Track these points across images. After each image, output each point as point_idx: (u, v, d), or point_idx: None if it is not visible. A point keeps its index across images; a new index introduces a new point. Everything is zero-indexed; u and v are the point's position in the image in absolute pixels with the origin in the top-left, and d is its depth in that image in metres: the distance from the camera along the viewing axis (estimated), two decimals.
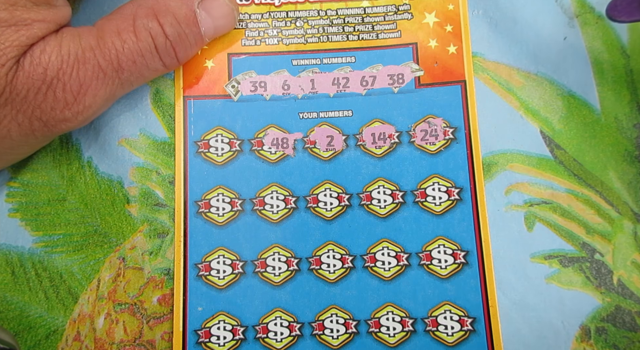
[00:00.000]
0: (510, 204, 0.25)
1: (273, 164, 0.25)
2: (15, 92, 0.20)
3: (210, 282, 0.24)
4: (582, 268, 0.24)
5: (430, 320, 0.23)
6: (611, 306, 0.23)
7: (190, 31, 0.23)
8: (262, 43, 0.26)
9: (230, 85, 0.25)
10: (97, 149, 0.25)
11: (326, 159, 0.25)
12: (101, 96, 0.22)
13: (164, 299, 0.24)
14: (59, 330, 0.24)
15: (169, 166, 0.25)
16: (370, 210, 0.24)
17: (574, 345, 0.23)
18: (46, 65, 0.21)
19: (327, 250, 0.24)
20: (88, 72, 0.21)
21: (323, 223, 0.24)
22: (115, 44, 0.22)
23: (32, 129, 0.21)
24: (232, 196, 0.24)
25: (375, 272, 0.24)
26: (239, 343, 0.23)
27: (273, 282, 0.24)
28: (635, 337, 0.23)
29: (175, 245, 0.24)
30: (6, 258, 0.25)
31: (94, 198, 0.25)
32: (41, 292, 0.24)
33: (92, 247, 0.25)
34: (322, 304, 0.23)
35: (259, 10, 0.26)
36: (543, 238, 0.24)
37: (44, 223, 0.25)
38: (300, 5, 0.26)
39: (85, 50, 0.21)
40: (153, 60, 0.23)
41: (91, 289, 0.24)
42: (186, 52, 0.24)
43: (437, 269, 0.24)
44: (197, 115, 0.25)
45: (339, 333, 0.23)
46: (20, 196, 0.25)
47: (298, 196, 0.24)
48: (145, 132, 0.25)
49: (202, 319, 0.23)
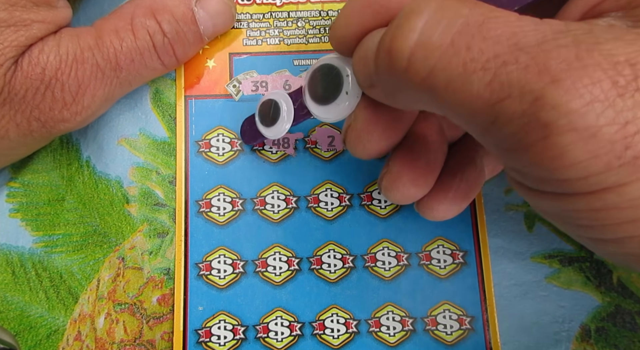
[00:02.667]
0: (509, 204, 0.25)
1: (274, 164, 0.25)
2: (14, 92, 0.20)
3: (211, 281, 0.24)
4: (582, 268, 0.24)
5: (430, 320, 0.23)
6: (611, 306, 0.24)
7: (189, 29, 0.23)
8: (263, 43, 0.26)
9: (232, 84, 0.25)
10: (95, 149, 0.25)
11: (327, 159, 0.25)
12: (100, 96, 0.22)
13: (164, 298, 0.24)
14: (59, 330, 0.24)
15: (168, 166, 0.25)
16: (371, 210, 0.24)
17: (574, 345, 0.23)
18: (44, 66, 0.20)
19: (327, 250, 0.24)
20: (87, 71, 0.21)
21: (324, 223, 0.24)
22: (114, 43, 0.22)
23: (31, 129, 0.21)
24: (233, 196, 0.24)
25: (375, 272, 0.24)
26: (239, 343, 0.23)
27: (274, 281, 0.24)
28: (636, 337, 0.23)
29: (175, 244, 0.24)
30: (7, 258, 0.24)
31: (92, 198, 0.25)
32: (42, 292, 0.24)
33: (91, 247, 0.25)
34: (323, 303, 0.24)
35: (261, 10, 0.26)
36: (543, 238, 0.24)
37: (44, 223, 0.25)
38: (302, 6, 0.26)
39: (83, 50, 0.21)
40: (151, 59, 0.23)
41: (91, 289, 0.24)
42: (185, 50, 0.24)
43: (437, 269, 0.24)
44: (198, 114, 0.25)
45: (339, 333, 0.23)
46: (20, 196, 0.25)
47: (299, 196, 0.24)
48: (145, 131, 0.25)
49: (202, 319, 0.23)
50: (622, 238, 0.12)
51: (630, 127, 0.11)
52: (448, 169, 0.20)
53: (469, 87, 0.12)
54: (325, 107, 0.19)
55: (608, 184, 0.12)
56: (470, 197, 0.20)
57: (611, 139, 0.11)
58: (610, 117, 0.11)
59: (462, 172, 0.20)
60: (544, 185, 0.13)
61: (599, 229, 0.13)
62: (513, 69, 0.12)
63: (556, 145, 0.11)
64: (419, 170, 0.19)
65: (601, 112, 0.11)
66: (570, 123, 0.11)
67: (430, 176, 0.19)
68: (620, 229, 0.12)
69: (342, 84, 0.18)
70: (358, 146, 0.19)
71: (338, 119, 0.19)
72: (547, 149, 0.12)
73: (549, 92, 0.11)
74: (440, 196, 0.20)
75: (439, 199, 0.20)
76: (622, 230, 0.12)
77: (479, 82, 0.12)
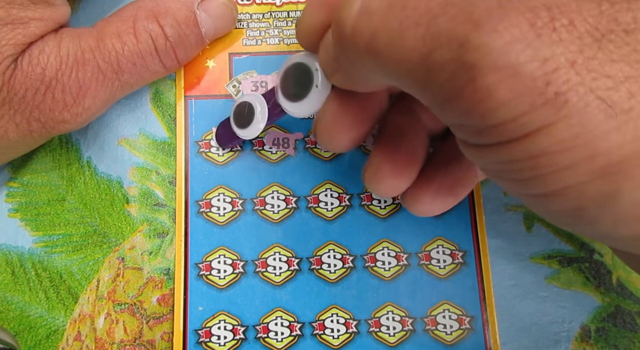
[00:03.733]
0: (508, 205, 0.25)
1: (274, 164, 0.25)
2: (13, 92, 0.20)
3: (211, 281, 0.24)
4: (581, 268, 0.24)
5: (430, 320, 0.23)
6: (611, 306, 0.24)
7: (191, 32, 0.23)
8: (263, 43, 0.26)
9: (231, 85, 0.25)
10: (96, 149, 0.25)
11: (327, 159, 0.25)
12: (100, 98, 0.22)
13: (164, 299, 0.24)
14: (59, 330, 0.24)
15: (168, 166, 0.25)
16: (371, 210, 0.24)
17: (574, 345, 0.23)
18: (45, 66, 0.20)
19: (327, 250, 0.24)
20: (87, 73, 0.21)
21: (324, 223, 0.24)
22: (115, 46, 0.22)
23: (30, 129, 0.21)
24: (233, 196, 0.24)
25: (375, 272, 0.24)
26: (239, 343, 0.23)
27: (274, 281, 0.24)
28: (636, 338, 0.23)
29: (175, 245, 0.24)
30: (6, 258, 0.24)
31: (93, 198, 0.25)
32: (41, 292, 0.24)
33: (91, 247, 0.24)
34: (323, 303, 0.24)
35: (260, 10, 0.26)
36: (542, 238, 0.24)
37: (44, 223, 0.25)
38: (302, 5, 0.26)
39: (84, 51, 0.21)
40: (153, 62, 0.23)
41: (91, 289, 0.24)
42: (186, 53, 0.24)
43: (436, 269, 0.24)
44: (198, 115, 0.25)
45: (339, 333, 0.23)
46: (20, 196, 0.25)
47: (299, 196, 0.24)
48: (145, 132, 0.25)
49: (202, 319, 0.23)
50: (562, 189, 0.13)
51: (550, 63, 0.12)
52: (432, 163, 0.21)
53: (404, 44, 0.13)
54: (298, 103, 0.20)
55: (537, 125, 0.12)
56: (457, 194, 0.21)
57: (532, 76, 0.12)
58: (530, 55, 0.12)
59: (446, 166, 0.20)
60: (481, 137, 0.13)
61: (539, 181, 0.13)
62: (442, 21, 0.13)
63: (482, 86, 0.12)
64: (399, 161, 0.20)
65: (521, 51, 0.12)
66: (492, 62, 0.12)
67: (411, 167, 0.20)
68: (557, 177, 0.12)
69: (312, 78, 0.19)
70: (326, 137, 0.19)
71: (311, 113, 0.20)
72: (475, 92, 0.12)
73: (472, 35, 0.12)
74: (423, 188, 0.20)
75: (422, 190, 0.20)
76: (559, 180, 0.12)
77: (413, 38, 0.13)
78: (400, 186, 0.20)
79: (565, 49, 0.12)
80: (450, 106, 0.13)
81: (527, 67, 0.12)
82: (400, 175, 0.20)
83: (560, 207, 0.13)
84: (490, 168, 0.14)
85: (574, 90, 0.12)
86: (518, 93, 0.12)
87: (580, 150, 0.12)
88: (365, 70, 0.15)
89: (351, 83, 0.17)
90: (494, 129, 0.13)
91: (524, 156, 0.13)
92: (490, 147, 0.13)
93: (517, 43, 0.12)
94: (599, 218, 0.13)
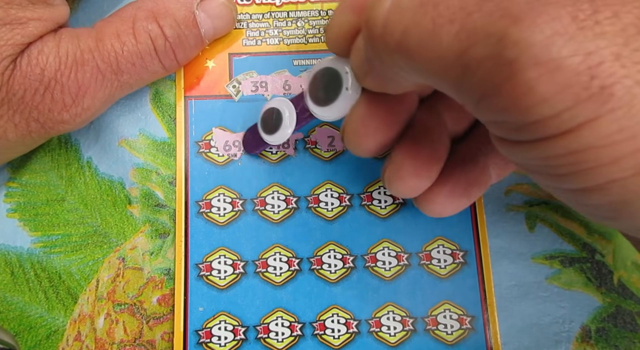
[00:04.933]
0: (510, 205, 0.25)
1: (274, 164, 0.25)
2: (12, 92, 0.20)
3: (211, 282, 0.24)
4: (582, 268, 0.24)
5: (430, 319, 0.23)
6: (612, 307, 0.24)
7: (190, 32, 0.23)
8: (263, 43, 0.26)
9: (231, 85, 0.25)
10: (97, 150, 0.25)
11: (327, 159, 0.25)
12: (100, 98, 0.22)
13: (164, 299, 0.24)
14: (59, 331, 0.24)
15: (168, 166, 0.25)
16: (371, 210, 0.24)
17: (574, 345, 0.23)
18: (44, 66, 0.20)
19: (328, 250, 0.24)
20: (87, 74, 0.21)
21: (324, 223, 0.24)
22: (115, 47, 0.22)
23: (29, 130, 0.21)
24: (233, 196, 0.24)
25: (376, 272, 0.24)
26: (240, 343, 0.23)
27: (274, 282, 0.24)
28: (636, 338, 0.23)
29: (176, 245, 0.24)
30: (5, 258, 0.24)
31: (94, 199, 0.25)
32: (41, 292, 0.24)
33: (90, 248, 0.24)
34: (323, 303, 0.24)
35: (260, 10, 0.26)
36: (544, 238, 0.24)
37: (43, 223, 0.25)
38: (301, 6, 0.26)
39: (83, 52, 0.21)
40: (152, 63, 0.23)
41: (90, 290, 0.24)
42: (186, 53, 0.24)
43: (437, 269, 0.24)
44: (198, 115, 0.25)
45: (340, 333, 0.23)
46: (18, 196, 0.25)
47: (299, 196, 0.24)
48: (145, 132, 0.25)
49: (203, 319, 0.23)
50: (604, 184, 0.12)
51: (594, 57, 0.11)
52: (449, 164, 0.20)
53: (438, 41, 0.13)
54: (328, 107, 0.20)
55: (580, 120, 0.12)
56: (470, 195, 0.21)
57: (576, 70, 0.11)
58: (572, 49, 0.11)
59: (462, 167, 0.20)
60: (521, 134, 0.13)
61: (580, 176, 0.13)
62: (477, 17, 0.12)
63: (523, 81, 0.12)
64: (421, 160, 0.19)
65: (563, 45, 0.11)
66: (533, 57, 0.11)
67: (432, 168, 0.20)
68: (600, 172, 0.12)
69: (342, 82, 0.19)
70: (355, 141, 0.19)
71: (340, 117, 0.20)
72: (515, 87, 0.12)
73: (511, 30, 0.12)
74: (437, 188, 0.20)
75: (436, 191, 0.20)
76: (603, 174, 0.12)
77: (447, 35, 0.13)
78: (420, 186, 0.20)
79: (609, 42, 0.11)
80: (488, 103, 0.13)
81: (570, 61, 0.11)
82: (422, 175, 0.20)
83: (601, 202, 0.13)
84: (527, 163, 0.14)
85: (620, 83, 0.11)
86: (561, 88, 0.11)
87: (626, 144, 0.12)
88: (397, 70, 0.15)
89: (383, 85, 0.17)
90: (534, 125, 0.12)
91: (566, 152, 0.12)
92: (529, 144, 0.13)
93: (559, 37, 0.11)
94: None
